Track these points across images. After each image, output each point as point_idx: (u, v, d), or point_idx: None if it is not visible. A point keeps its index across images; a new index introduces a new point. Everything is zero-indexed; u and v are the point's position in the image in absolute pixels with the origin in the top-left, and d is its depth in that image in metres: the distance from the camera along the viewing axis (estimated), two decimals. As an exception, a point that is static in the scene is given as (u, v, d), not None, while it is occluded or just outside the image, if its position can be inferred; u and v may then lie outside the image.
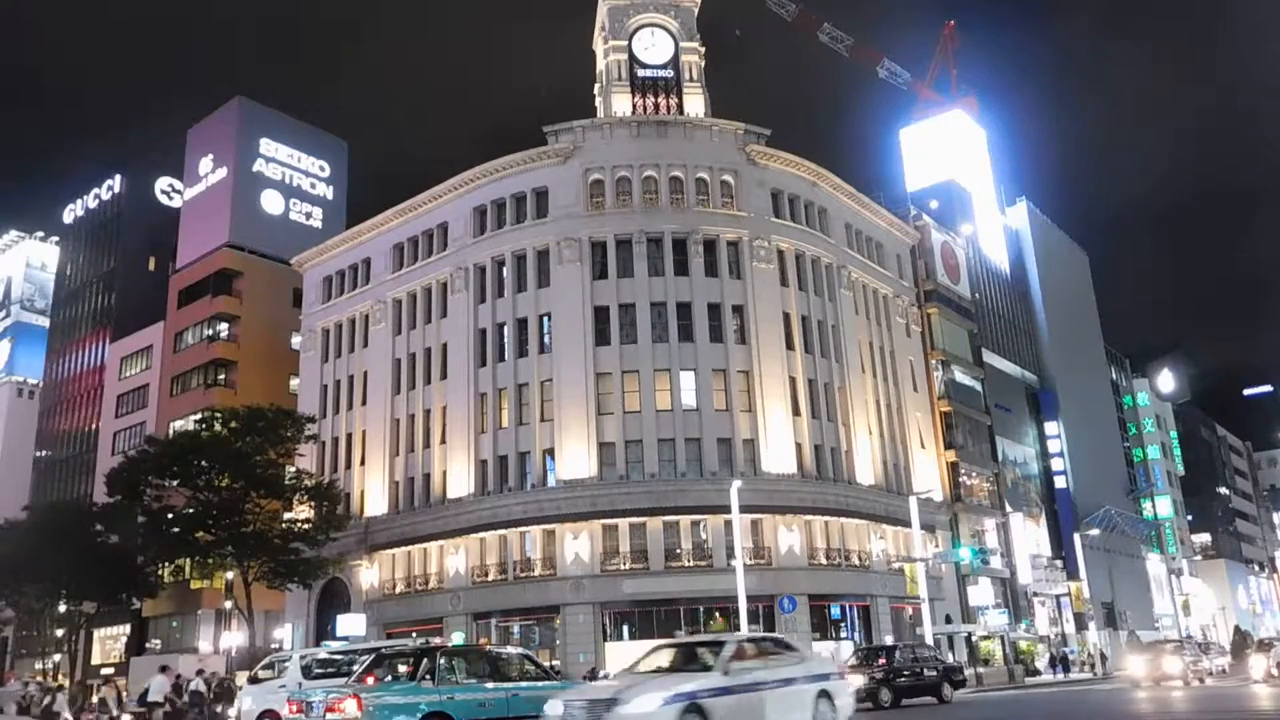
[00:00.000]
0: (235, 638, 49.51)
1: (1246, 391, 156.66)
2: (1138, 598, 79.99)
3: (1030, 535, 65.98)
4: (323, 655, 23.28)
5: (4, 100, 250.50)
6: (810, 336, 49.33)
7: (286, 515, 46.73)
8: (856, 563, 47.74)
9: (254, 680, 22.04)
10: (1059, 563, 68.42)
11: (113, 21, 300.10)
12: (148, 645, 63.40)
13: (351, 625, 45.10)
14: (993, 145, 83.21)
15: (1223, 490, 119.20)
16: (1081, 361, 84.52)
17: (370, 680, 15.23)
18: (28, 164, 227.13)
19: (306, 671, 20.36)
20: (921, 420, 57.29)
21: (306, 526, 45.53)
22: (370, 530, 50.02)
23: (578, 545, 43.37)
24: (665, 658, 14.90)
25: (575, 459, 44.47)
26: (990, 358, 67.95)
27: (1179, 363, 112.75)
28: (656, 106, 53.80)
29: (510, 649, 19.26)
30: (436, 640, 18.16)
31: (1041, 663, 57.64)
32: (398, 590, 48.79)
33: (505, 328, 48.33)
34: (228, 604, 50.12)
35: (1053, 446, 73.12)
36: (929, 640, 39.60)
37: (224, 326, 65.66)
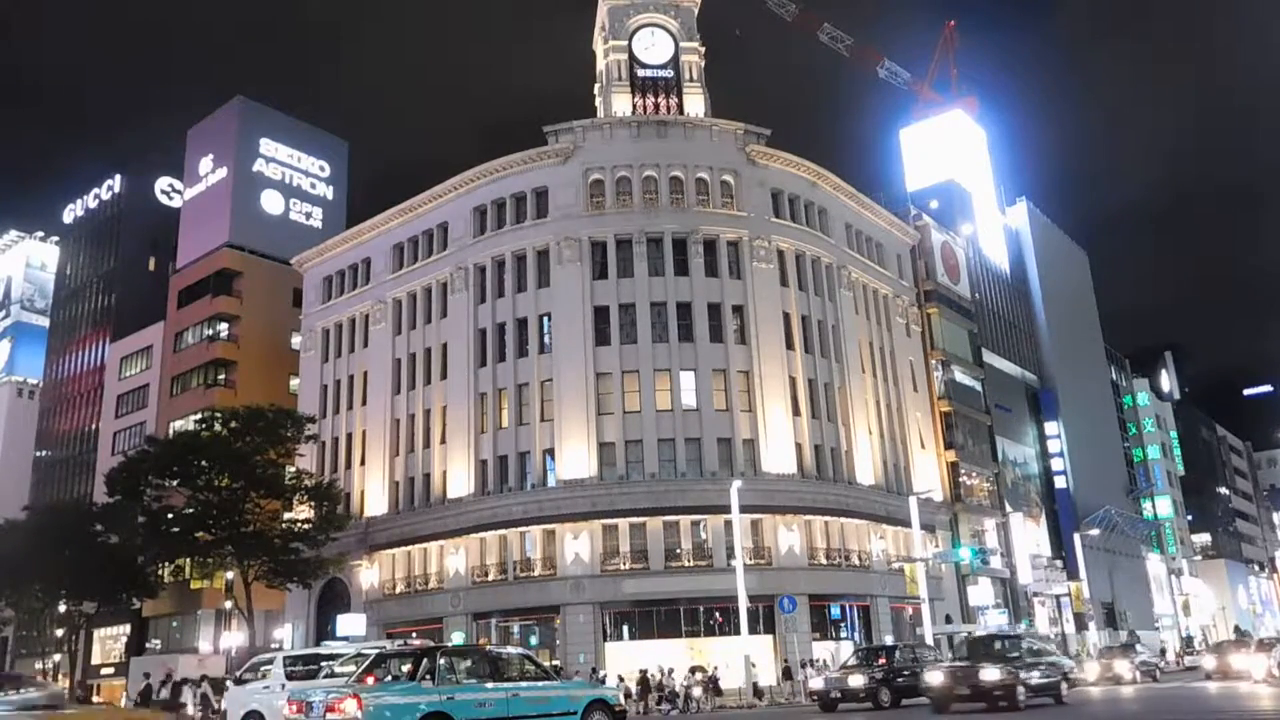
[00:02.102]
0: (235, 638, 49.49)
1: (1246, 391, 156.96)
2: (1138, 598, 79.98)
3: (1030, 535, 65.98)
4: (302, 653, 23.52)
5: (4, 100, 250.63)
6: (810, 336, 49.33)
7: (286, 515, 46.73)
8: (856, 563, 47.74)
9: (239, 681, 22.12)
10: (1059, 563, 68.41)
11: (112, 22, 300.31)
12: (148, 645, 63.42)
13: (351, 625, 45.02)
14: (993, 145, 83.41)
15: (1223, 490, 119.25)
16: (1081, 361, 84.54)
17: (370, 680, 15.20)
18: (28, 164, 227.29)
19: (290, 675, 20.41)
20: (921, 420, 57.29)
21: (306, 526, 45.54)
22: (370, 530, 50.02)
23: (578, 545, 43.37)
24: None
25: (575, 459, 44.47)
26: (990, 358, 67.96)
27: (1179, 362, 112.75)
28: (656, 106, 53.79)
29: (510, 649, 19.21)
30: (416, 642, 18.04)
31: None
32: (398, 590, 48.79)
33: (505, 328, 48.33)
34: (228, 604, 50.14)
35: (1053, 446, 73.13)
36: (929, 640, 39.58)
37: (224, 326, 65.63)
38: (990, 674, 21.16)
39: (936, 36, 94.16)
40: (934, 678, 22.19)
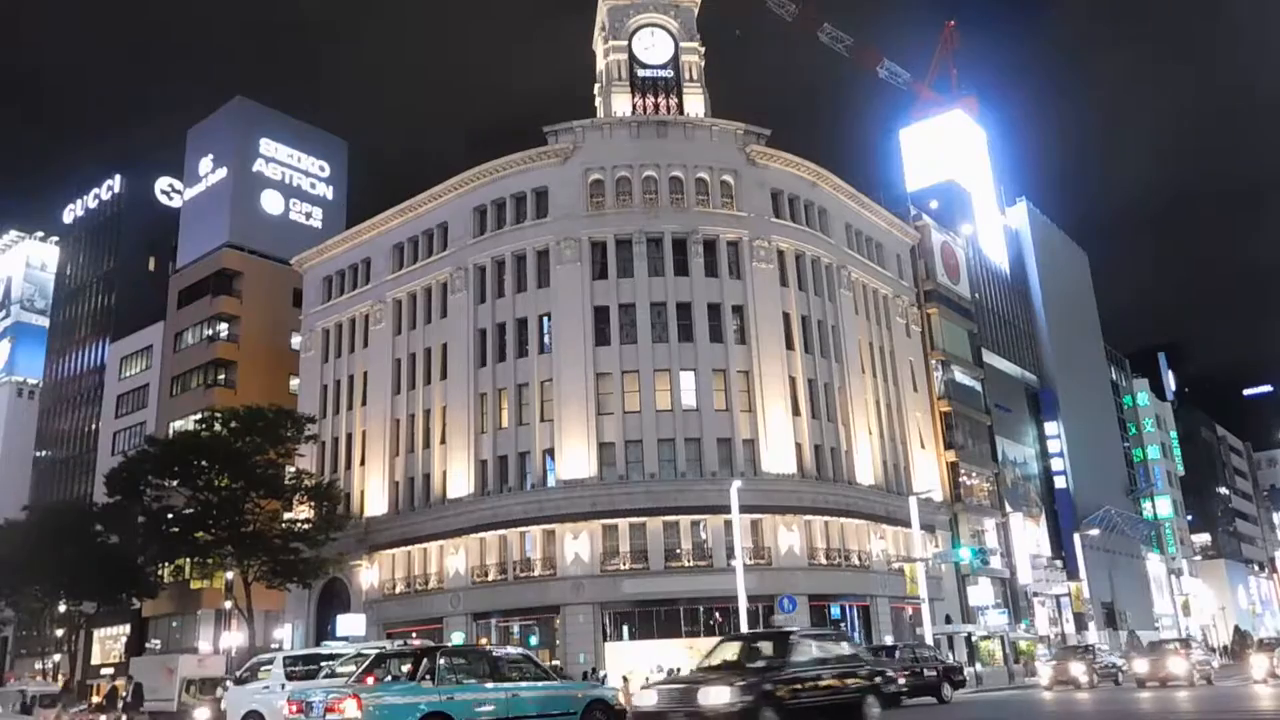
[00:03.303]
0: (235, 638, 49.48)
1: (1246, 391, 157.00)
2: (1138, 598, 80.00)
3: (1030, 535, 65.97)
4: (302, 653, 23.65)
5: (4, 100, 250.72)
6: (810, 336, 49.33)
7: (286, 515, 46.75)
8: (856, 563, 47.73)
9: (239, 682, 22.24)
10: (1059, 563, 68.42)
11: (112, 21, 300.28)
12: (148, 645, 63.39)
13: (351, 625, 44.99)
14: (993, 145, 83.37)
15: (1223, 490, 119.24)
16: (1081, 361, 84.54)
17: (370, 680, 15.22)
18: (28, 164, 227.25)
19: (290, 675, 20.45)
20: (921, 420, 57.28)
21: (306, 526, 45.57)
22: (370, 530, 50.01)
23: (578, 545, 43.37)
24: None
25: (575, 459, 44.47)
26: (990, 358, 67.96)
27: (1179, 362, 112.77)
28: (656, 106, 53.78)
29: (510, 649, 19.24)
30: (416, 642, 18.01)
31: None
32: (398, 590, 48.79)
33: (505, 328, 48.32)
34: (228, 604, 50.09)
35: (1053, 446, 73.12)
36: (929, 640, 39.58)
37: (224, 326, 65.65)
38: (716, 696, 14.43)
39: (936, 36, 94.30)
40: (645, 699, 15.95)
